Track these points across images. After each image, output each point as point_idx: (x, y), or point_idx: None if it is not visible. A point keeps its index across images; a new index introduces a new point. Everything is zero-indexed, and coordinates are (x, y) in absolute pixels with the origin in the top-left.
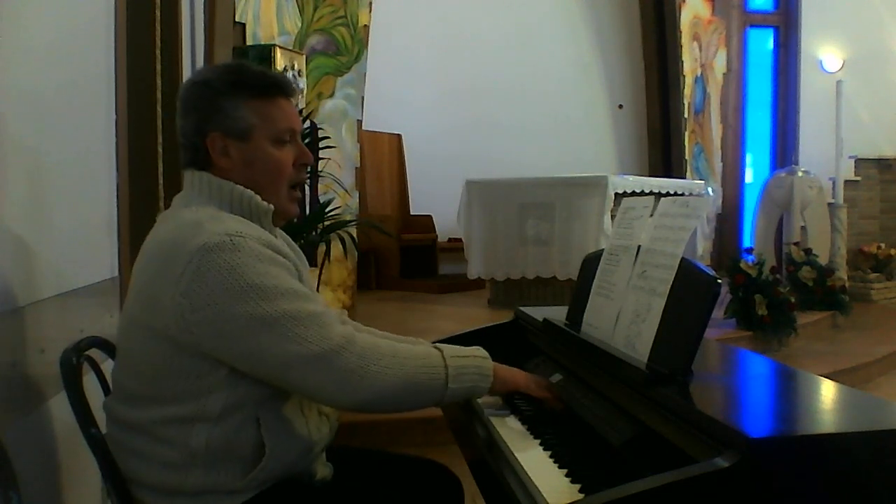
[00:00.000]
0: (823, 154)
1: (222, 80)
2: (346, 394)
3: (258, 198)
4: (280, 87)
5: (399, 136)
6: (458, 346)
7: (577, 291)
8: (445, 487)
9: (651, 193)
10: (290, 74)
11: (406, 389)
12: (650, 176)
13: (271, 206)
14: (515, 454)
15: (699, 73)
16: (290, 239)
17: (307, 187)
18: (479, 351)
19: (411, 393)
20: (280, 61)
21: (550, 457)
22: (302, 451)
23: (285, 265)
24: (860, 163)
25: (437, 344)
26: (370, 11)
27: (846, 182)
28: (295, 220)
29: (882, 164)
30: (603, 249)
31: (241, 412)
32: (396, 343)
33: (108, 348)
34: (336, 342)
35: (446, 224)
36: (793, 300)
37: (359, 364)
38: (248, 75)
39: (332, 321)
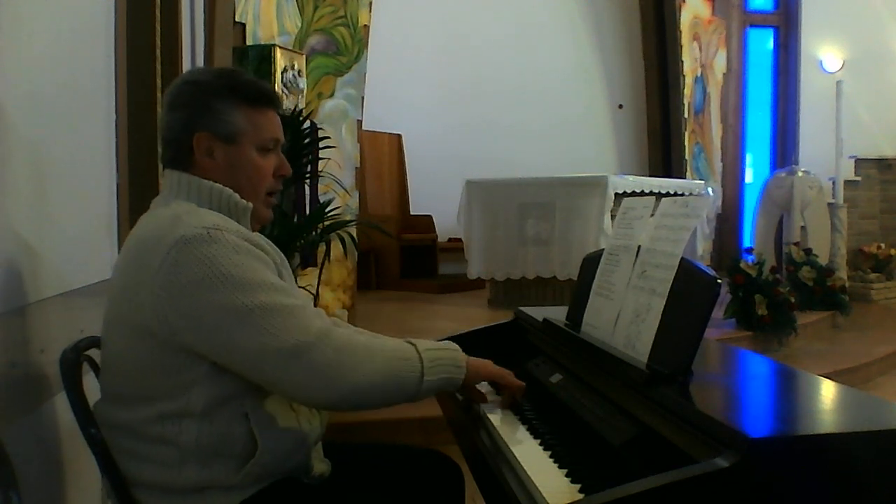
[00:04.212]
0: (823, 154)
1: (218, 82)
2: (321, 389)
3: (237, 196)
4: (272, 100)
5: (399, 136)
6: (432, 341)
7: (577, 291)
8: (445, 474)
9: (651, 193)
10: (290, 74)
11: (382, 383)
12: (650, 176)
13: (250, 205)
14: (515, 454)
15: (699, 73)
16: (270, 241)
17: (307, 187)
18: (450, 344)
19: (388, 387)
20: (280, 61)
21: (550, 457)
22: (295, 444)
23: (264, 259)
24: (860, 163)
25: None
26: (370, 11)
27: (846, 182)
28: (296, 219)
29: (882, 164)
30: (603, 249)
31: (228, 407)
32: (372, 337)
33: None
34: (311, 336)
35: (446, 224)
36: (793, 300)
37: (334, 358)
38: (243, 83)
39: (308, 315)
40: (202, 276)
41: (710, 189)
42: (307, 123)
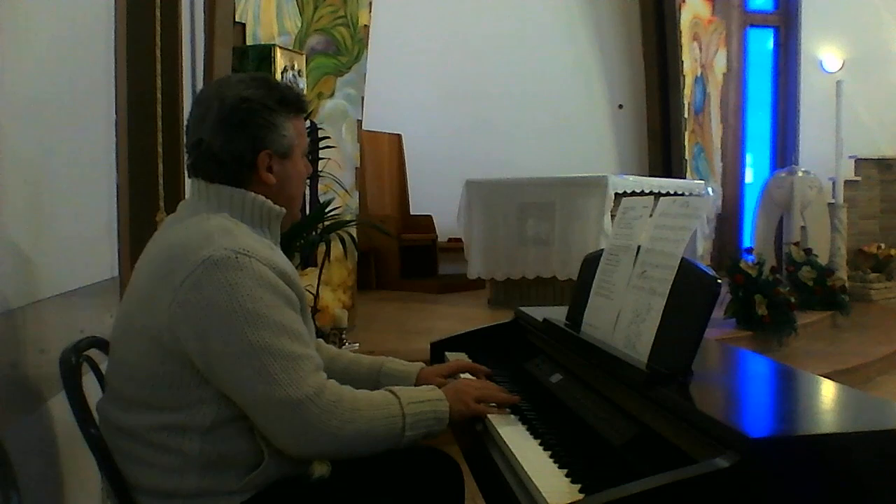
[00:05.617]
0: (823, 154)
1: (270, 97)
2: (301, 444)
3: (270, 202)
4: (306, 104)
5: (399, 136)
6: (416, 389)
7: (577, 291)
8: (445, 474)
9: (651, 193)
10: (290, 74)
11: (362, 440)
12: (650, 176)
13: (283, 210)
14: (515, 454)
15: (699, 73)
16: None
17: (307, 187)
18: (434, 393)
19: (367, 443)
20: (280, 61)
21: (550, 457)
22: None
23: (286, 295)
24: (860, 163)
25: (395, 388)
26: (370, 11)
27: (846, 182)
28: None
29: (882, 164)
30: (603, 249)
31: (235, 423)
32: (357, 392)
33: (108, 348)
34: (304, 392)
35: (446, 224)
36: (793, 300)
37: (321, 418)
38: (287, 92)
39: (308, 367)
40: (219, 301)
41: (710, 189)
42: (307, 123)
